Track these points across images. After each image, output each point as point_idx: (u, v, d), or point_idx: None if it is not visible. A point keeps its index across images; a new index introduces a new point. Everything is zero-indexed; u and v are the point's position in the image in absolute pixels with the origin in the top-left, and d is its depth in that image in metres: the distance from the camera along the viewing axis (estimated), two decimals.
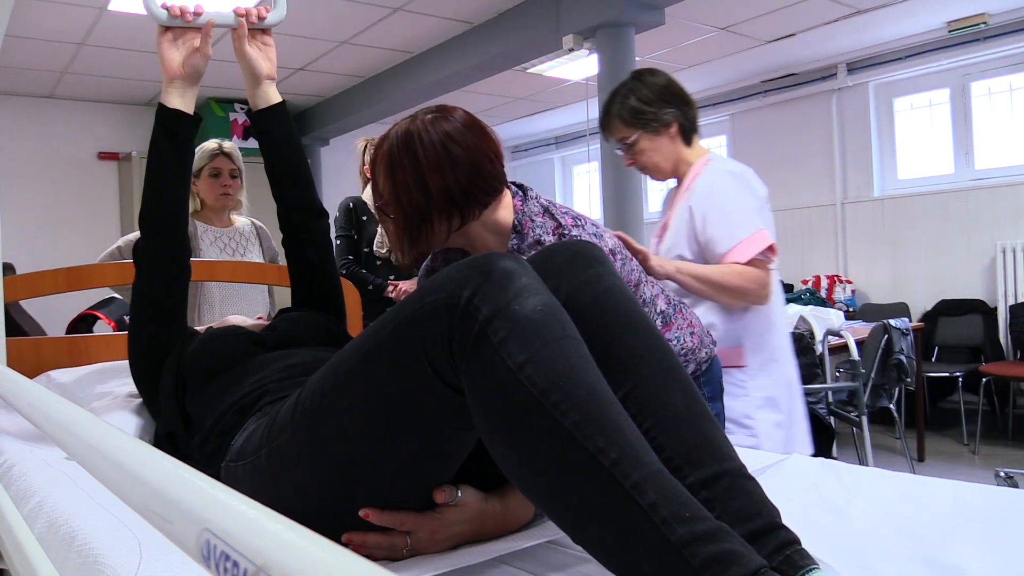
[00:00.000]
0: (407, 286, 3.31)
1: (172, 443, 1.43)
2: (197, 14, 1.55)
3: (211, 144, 2.88)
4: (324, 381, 1.01)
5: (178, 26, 1.55)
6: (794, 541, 0.86)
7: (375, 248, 3.40)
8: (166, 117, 1.53)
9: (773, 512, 0.89)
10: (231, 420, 1.25)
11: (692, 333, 1.71)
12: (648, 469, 0.80)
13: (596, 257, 1.08)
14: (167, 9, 1.53)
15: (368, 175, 3.40)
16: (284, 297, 1.84)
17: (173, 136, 1.53)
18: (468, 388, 0.88)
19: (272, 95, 1.68)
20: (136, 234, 2.76)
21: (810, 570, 0.83)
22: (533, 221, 1.46)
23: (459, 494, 1.02)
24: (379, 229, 3.35)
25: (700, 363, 1.75)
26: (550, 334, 0.86)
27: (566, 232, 1.45)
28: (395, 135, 1.41)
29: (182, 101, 1.55)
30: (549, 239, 1.43)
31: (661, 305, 1.66)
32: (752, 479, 0.92)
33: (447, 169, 1.36)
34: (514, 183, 1.53)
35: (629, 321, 1.02)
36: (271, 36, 1.68)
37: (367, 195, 3.43)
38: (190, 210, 2.92)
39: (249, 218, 3.09)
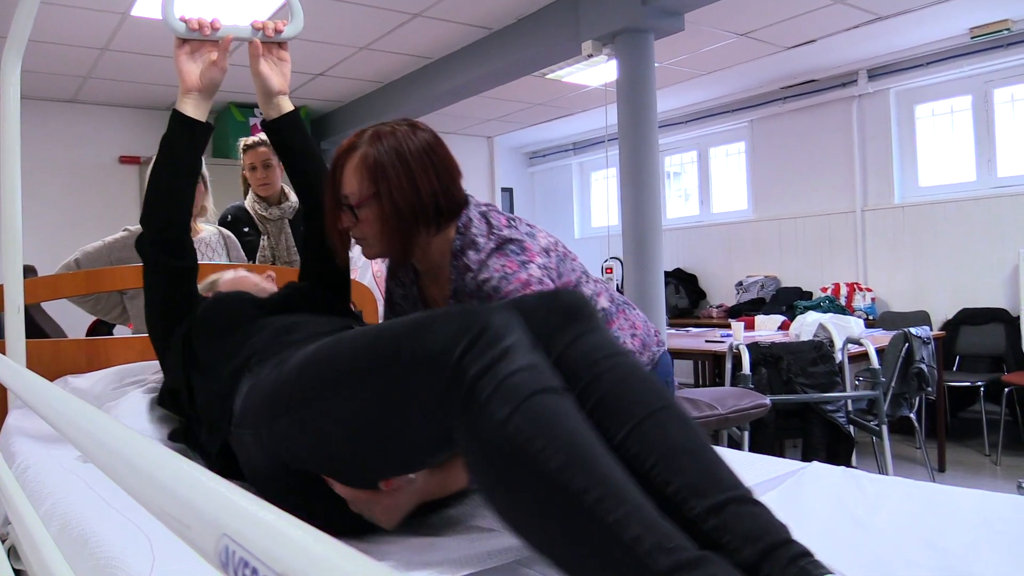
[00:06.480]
0: None
1: (175, 402, 1.58)
2: (215, 28, 1.56)
3: None
4: (320, 369, 1.10)
5: (196, 39, 1.57)
6: (806, 553, 0.87)
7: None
8: (183, 120, 1.57)
9: (782, 530, 0.91)
10: (228, 385, 1.34)
11: (634, 335, 1.70)
12: (631, 504, 0.84)
13: (583, 312, 1.14)
14: (185, 22, 1.54)
15: (249, 179, 3.34)
16: None
17: (190, 136, 1.57)
18: (459, 442, 0.94)
19: (284, 105, 1.69)
20: (94, 244, 2.77)
21: None
22: (472, 222, 1.54)
23: (412, 477, 1.13)
24: (263, 242, 3.26)
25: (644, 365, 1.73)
26: (535, 387, 0.92)
27: (496, 232, 1.52)
28: (376, 139, 1.46)
29: (196, 111, 1.59)
30: (483, 240, 1.51)
31: (603, 303, 1.66)
32: (759, 503, 0.94)
33: (433, 176, 1.47)
34: None
35: (621, 371, 1.07)
36: (287, 50, 1.69)
37: (248, 203, 3.34)
38: None
39: (216, 227, 3.04)
